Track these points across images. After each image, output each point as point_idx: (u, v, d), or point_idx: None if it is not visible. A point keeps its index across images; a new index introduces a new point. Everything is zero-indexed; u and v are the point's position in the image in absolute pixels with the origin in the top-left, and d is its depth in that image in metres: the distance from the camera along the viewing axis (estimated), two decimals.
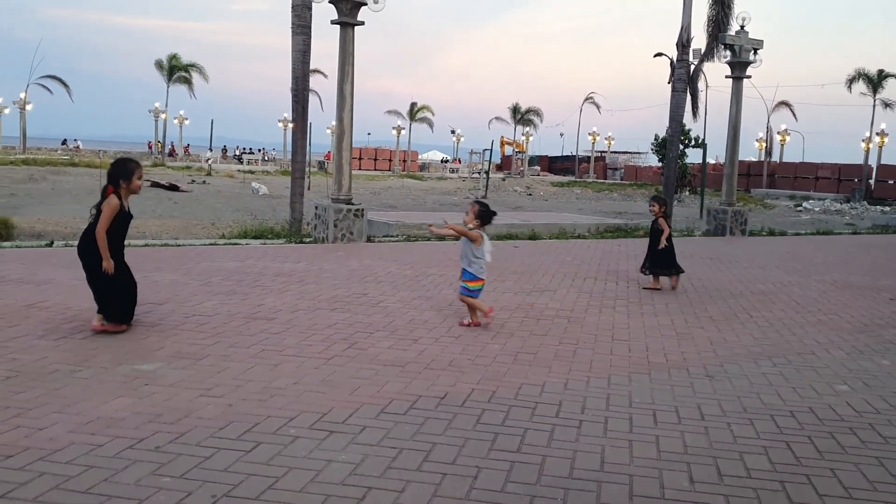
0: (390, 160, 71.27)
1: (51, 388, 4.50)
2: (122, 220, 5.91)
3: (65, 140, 72.65)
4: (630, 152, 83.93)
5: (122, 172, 5.91)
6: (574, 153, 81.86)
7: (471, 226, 6.73)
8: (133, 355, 5.28)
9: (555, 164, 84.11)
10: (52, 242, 11.23)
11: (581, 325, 7.01)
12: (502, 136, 73.78)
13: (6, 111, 62.02)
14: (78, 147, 66.53)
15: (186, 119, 67.77)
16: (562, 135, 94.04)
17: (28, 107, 59.95)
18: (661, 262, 9.27)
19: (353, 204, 12.90)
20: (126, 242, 11.95)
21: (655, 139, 44.12)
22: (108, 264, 5.73)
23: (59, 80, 61.76)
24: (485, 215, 6.76)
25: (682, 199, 37.17)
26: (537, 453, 3.91)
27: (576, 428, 4.32)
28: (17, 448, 3.62)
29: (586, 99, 78.34)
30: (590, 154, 77.33)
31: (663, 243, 9.11)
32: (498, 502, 3.34)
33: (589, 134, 76.29)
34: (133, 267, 8.87)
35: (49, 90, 61.54)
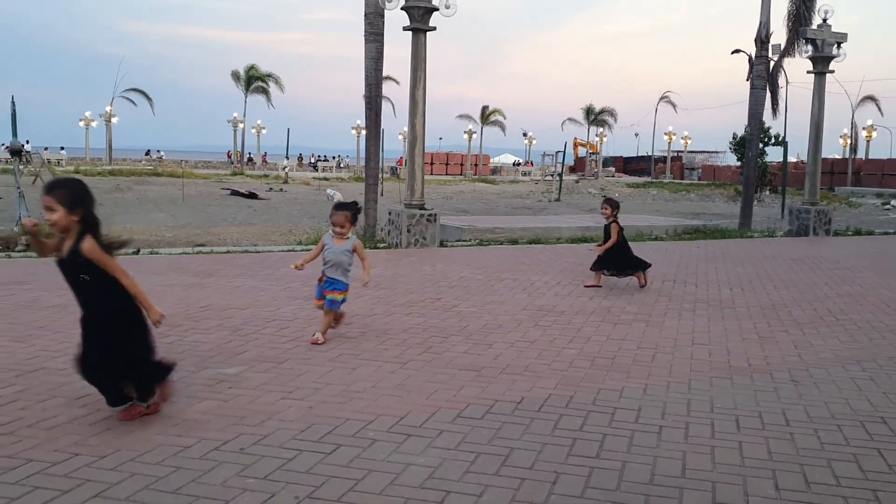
0: (462, 164, 71.42)
1: None
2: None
3: (148, 151, 75.33)
4: (707, 151, 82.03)
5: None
6: (649, 153, 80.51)
7: (349, 235, 6.09)
8: (217, 359, 5.44)
9: (630, 165, 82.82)
10: (138, 250, 11.66)
11: (660, 329, 6.89)
12: (575, 138, 73.10)
13: (93, 124, 64.70)
14: (161, 157, 68.90)
15: (264, 128, 69.47)
16: (637, 135, 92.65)
17: (113, 119, 62.44)
18: (621, 262, 9.03)
19: (426, 209, 12.99)
20: (209, 249, 12.27)
21: (734, 138, 43.00)
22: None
23: (142, 92, 64.11)
24: (355, 215, 6.18)
25: (762, 198, 36.08)
26: (617, 459, 3.86)
27: (656, 433, 4.24)
28: (109, 448, 3.77)
29: (662, 98, 77.00)
30: (666, 154, 75.87)
31: (600, 250, 8.97)
32: None
33: (665, 133, 74.85)
34: (216, 272, 9.23)
35: (133, 102, 63.98)
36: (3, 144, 48.23)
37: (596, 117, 76.81)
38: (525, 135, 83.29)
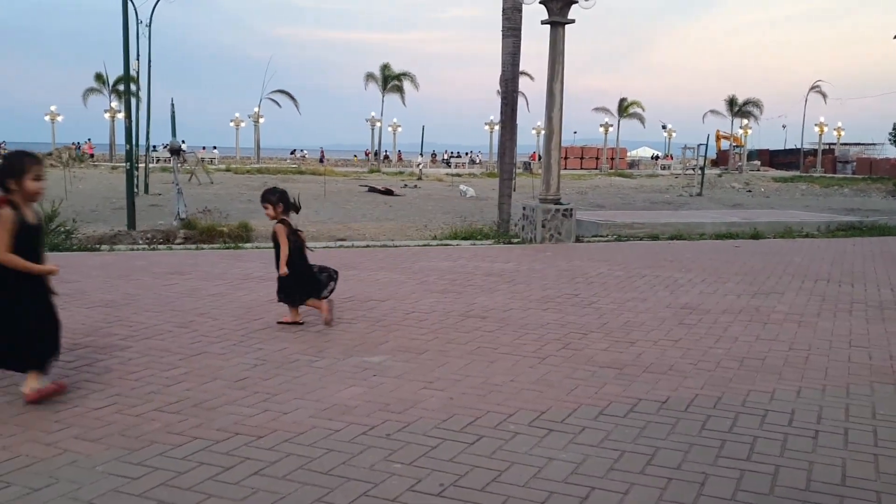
0: (597, 158, 70.35)
1: (292, 376, 4.91)
2: (26, 234, 4.26)
3: (294, 150, 78.62)
4: (863, 144, 76.95)
5: (10, 171, 4.25)
6: (798, 146, 76.37)
7: None
8: (361, 348, 5.62)
9: (776, 158, 78.84)
10: None
11: (813, 330, 6.53)
12: (718, 130, 70.38)
13: (243, 124, 68.29)
14: (304, 156, 71.80)
15: (399, 126, 71.11)
16: (784, 127, 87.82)
17: (261, 120, 65.62)
18: (296, 284, 6.23)
19: (561, 204, 12.88)
20: (350, 243, 12.66)
21: (894, 128, 40.19)
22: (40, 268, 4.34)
23: (288, 93, 66.92)
24: None
25: None
26: (769, 462, 3.70)
27: (811, 438, 4.03)
28: (266, 430, 3.99)
29: (812, 88, 72.75)
30: (816, 147, 71.69)
31: (283, 269, 6.12)
32: None
33: (815, 125, 70.70)
34: (357, 266, 9.52)
35: (278, 104, 66.93)
36: (163, 144, 51.73)
37: (740, 109, 73.54)
38: (664, 127, 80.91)
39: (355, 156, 75.58)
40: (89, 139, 67.33)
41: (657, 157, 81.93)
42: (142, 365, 5.10)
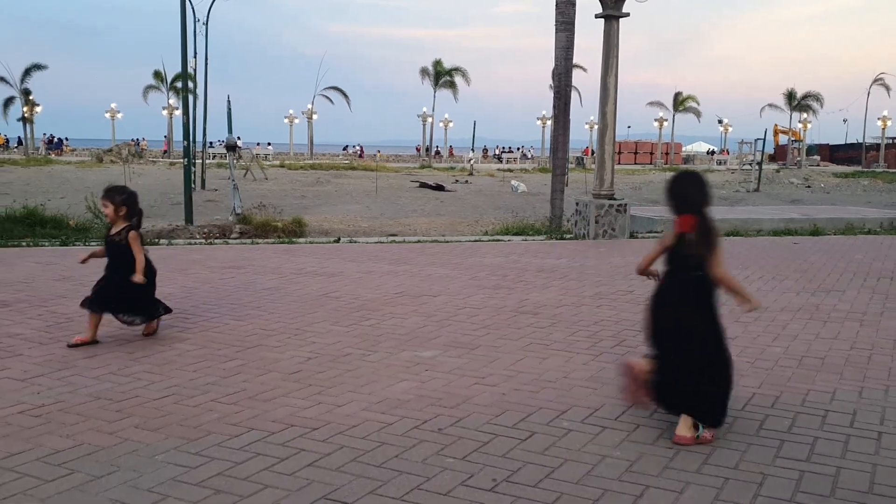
0: (651, 153, 69.30)
1: (345, 370, 4.96)
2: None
3: (346, 146, 79.28)
4: None
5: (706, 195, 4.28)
6: (860, 140, 74.11)
7: None
8: (413, 343, 5.65)
9: (837, 154, 76.63)
10: (338, 239, 12.33)
11: (876, 329, 6.34)
12: (776, 125, 68.68)
13: (296, 121, 69.09)
14: (356, 152, 72.34)
15: (451, 122, 71.13)
16: (845, 121, 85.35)
17: (314, 116, 66.29)
18: (143, 298, 5.55)
19: (615, 199, 12.74)
20: (401, 238, 12.67)
21: None
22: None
23: (340, 90, 67.44)
24: None
25: None
26: (830, 464, 3.61)
27: (874, 440, 3.92)
28: (320, 422, 4.04)
29: (875, 80, 70.39)
30: (879, 141, 69.48)
31: (140, 277, 5.37)
32: None
33: (878, 118, 68.49)
34: (409, 261, 9.58)
35: (330, 100, 67.51)
36: (219, 140, 52.63)
37: (799, 102, 71.57)
38: (720, 122, 79.33)
39: (378, 151, 76.40)
40: (165, 136, 68.74)
41: (713, 153, 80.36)
42: (199, 357, 5.21)
